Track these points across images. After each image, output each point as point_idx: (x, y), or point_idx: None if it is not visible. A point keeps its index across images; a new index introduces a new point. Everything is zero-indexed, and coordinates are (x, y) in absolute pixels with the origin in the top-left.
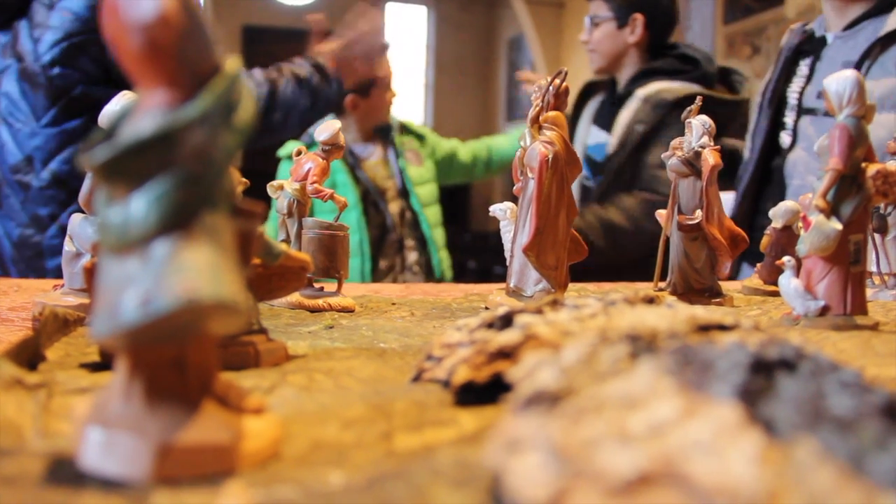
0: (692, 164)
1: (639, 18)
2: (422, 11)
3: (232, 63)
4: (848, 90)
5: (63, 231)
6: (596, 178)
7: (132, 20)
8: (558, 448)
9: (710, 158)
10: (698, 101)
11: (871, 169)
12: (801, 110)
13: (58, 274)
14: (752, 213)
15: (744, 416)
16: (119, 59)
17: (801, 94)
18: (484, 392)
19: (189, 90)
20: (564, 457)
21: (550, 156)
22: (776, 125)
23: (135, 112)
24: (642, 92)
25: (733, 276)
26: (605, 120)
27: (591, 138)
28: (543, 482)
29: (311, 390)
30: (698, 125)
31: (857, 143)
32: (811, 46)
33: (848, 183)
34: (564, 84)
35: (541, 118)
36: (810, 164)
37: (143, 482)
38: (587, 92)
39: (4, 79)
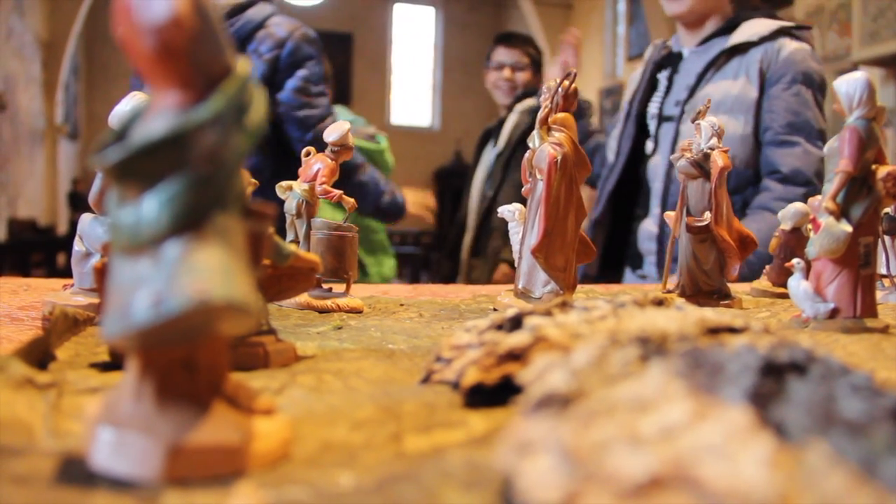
0: (701, 165)
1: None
2: (429, 12)
3: (243, 65)
4: (858, 92)
5: None
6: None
7: (145, 22)
8: (569, 451)
9: (719, 160)
10: (707, 103)
11: (882, 171)
12: (662, 118)
13: None
14: (618, 216)
15: (754, 419)
16: (131, 60)
17: (662, 103)
18: (493, 394)
19: (201, 92)
20: (575, 459)
21: (559, 157)
22: (641, 132)
23: (147, 113)
24: (520, 106)
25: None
26: (496, 141)
27: (487, 158)
28: (554, 485)
29: (320, 391)
30: (707, 127)
31: (867, 146)
32: (669, 61)
33: (858, 185)
34: (573, 85)
35: (550, 119)
36: (669, 170)
37: (154, 482)
38: (484, 137)
39: None
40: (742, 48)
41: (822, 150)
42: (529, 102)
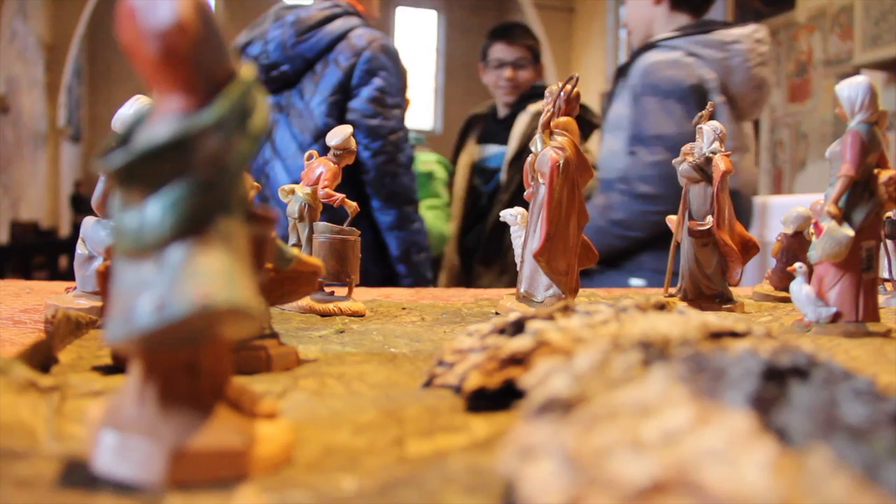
0: (703, 169)
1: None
2: (432, 16)
3: (247, 70)
4: (860, 96)
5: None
6: (489, 185)
7: (149, 27)
8: (572, 455)
9: (721, 164)
10: (709, 106)
11: (884, 175)
12: None
13: None
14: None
15: (757, 424)
16: (135, 65)
17: None
18: (496, 398)
19: (204, 96)
20: (578, 464)
21: (561, 161)
22: None
23: (150, 117)
24: (533, 107)
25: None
26: (495, 137)
27: (485, 153)
28: (557, 489)
29: (322, 395)
30: (709, 131)
31: (869, 150)
32: None
33: (860, 189)
34: (576, 89)
35: (552, 123)
36: None
37: (157, 486)
38: (471, 122)
39: (280, 125)
40: (623, 69)
41: (658, 156)
42: (541, 105)
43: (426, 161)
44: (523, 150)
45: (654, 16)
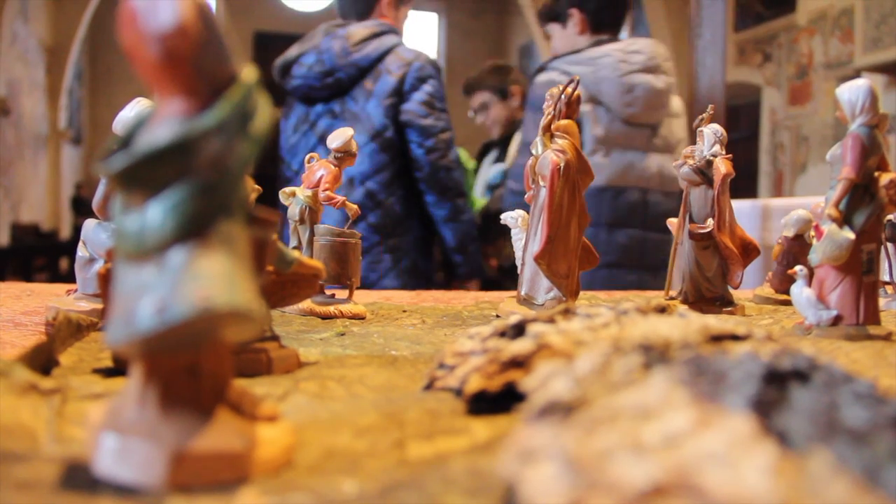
0: (703, 172)
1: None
2: (433, 18)
3: (248, 72)
4: (861, 99)
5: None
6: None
7: (150, 30)
8: (572, 458)
9: (722, 167)
10: (710, 109)
11: (885, 178)
12: None
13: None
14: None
15: (757, 427)
16: (136, 67)
17: None
18: (496, 401)
19: (206, 99)
20: (579, 467)
21: (562, 164)
22: None
23: (152, 120)
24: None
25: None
26: (500, 158)
27: (490, 172)
28: (558, 493)
29: (323, 398)
30: (710, 134)
31: (869, 153)
32: None
33: (861, 192)
34: (576, 93)
35: (553, 126)
36: None
37: (158, 489)
38: (485, 149)
39: (334, 129)
40: None
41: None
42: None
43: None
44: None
45: (570, 42)
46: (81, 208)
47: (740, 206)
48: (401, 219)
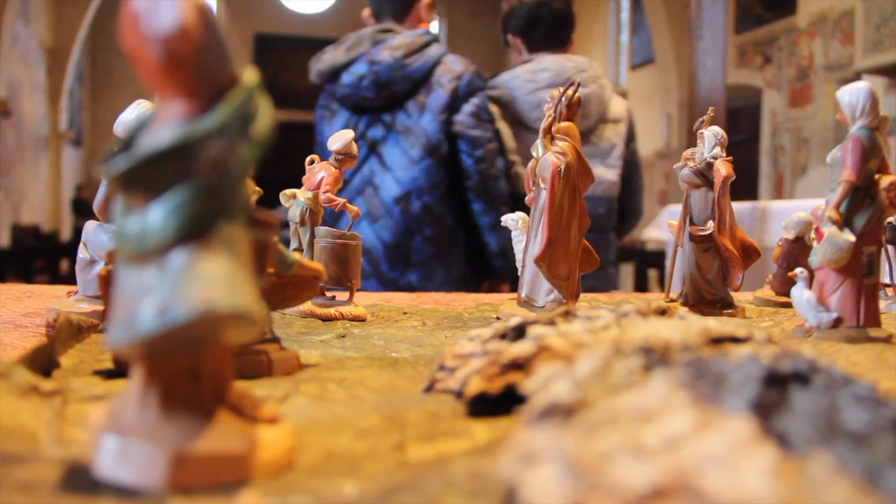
0: (704, 174)
1: None
2: (433, 21)
3: (250, 75)
4: (861, 101)
5: (428, 243)
6: None
7: (152, 32)
8: (573, 461)
9: (723, 169)
10: (711, 111)
11: (885, 180)
12: None
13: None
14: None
15: (758, 429)
16: (137, 70)
17: None
18: (497, 403)
19: (207, 101)
20: (579, 470)
21: (563, 166)
22: None
23: (153, 122)
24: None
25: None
26: None
27: None
28: (558, 495)
29: (323, 400)
30: (710, 136)
31: (870, 155)
32: None
33: (861, 194)
34: (577, 95)
35: (553, 129)
36: None
37: (158, 490)
38: None
39: (388, 141)
40: None
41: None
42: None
43: None
44: None
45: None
46: (82, 210)
47: (741, 209)
48: (453, 230)
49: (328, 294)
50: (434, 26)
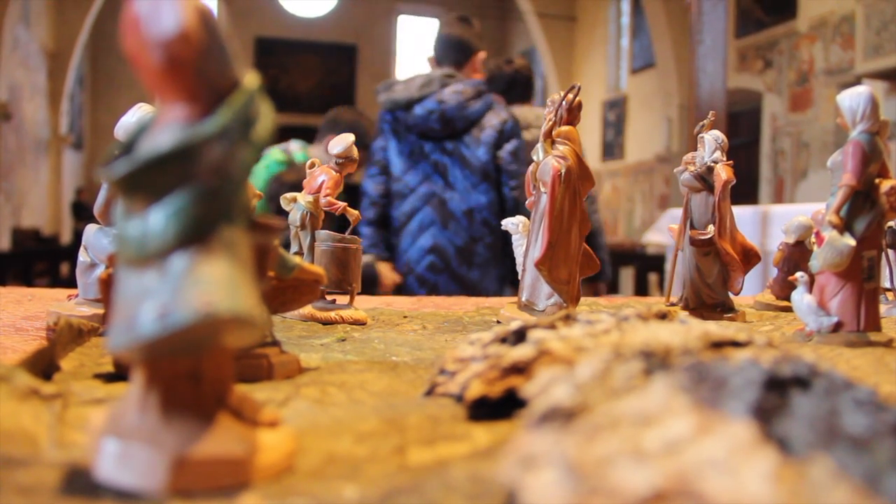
0: (704, 179)
1: None
2: (434, 24)
3: (251, 78)
4: (862, 106)
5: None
6: None
7: (153, 36)
8: (573, 464)
9: (723, 174)
10: (711, 115)
11: (885, 185)
12: None
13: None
14: None
15: (758, 433)
16: (138, 73)
17: None
18: (497, 407)
19: (208, 105)
20: (579, 473)
21: (563, 170)
22: None
23: (154, 126)
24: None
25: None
26: None
27: None
28: (559, 499)
29: (324, 403)
30: (711, 140)
31: (870, 159)
32: None
33: (862, 199)
34: (577, 98)
35: (553, 133)
36: None
37: (159, 494)
38: None
39: (451, 165)
40: None
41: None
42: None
43: None
44: None
45: None
46: (82, 213)
47: (741, 213)
48: (504, 238)
49: (328, 298)
50: (436, 26)
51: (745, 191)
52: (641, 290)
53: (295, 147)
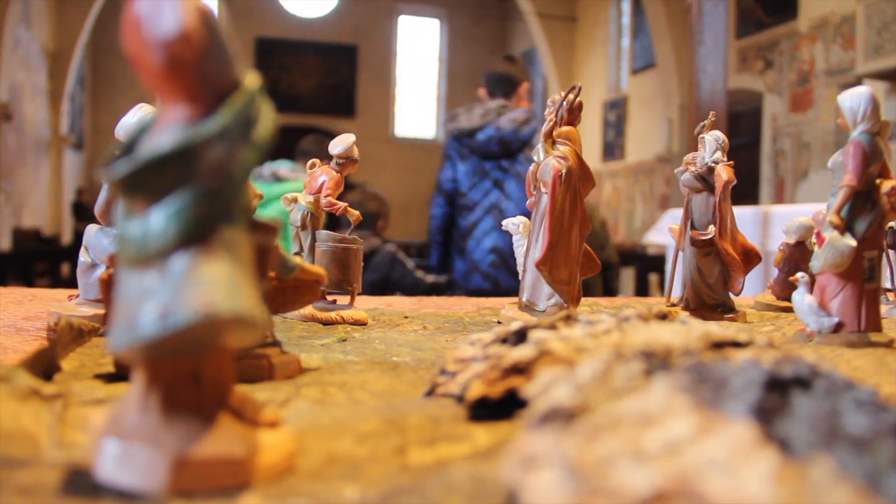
0: (705, 179)
1: None
2: (434, 24)
3: (252, 79)
4: (862, 106)
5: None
6: None
7: (154, 36)
8: (574, 465)
9: (724, 174)
10: (712, 116)
11: (886, 185)
12: None
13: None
14: None
15: (759, 434)
16: (139, 74)
17: None
18: (498, 407)
19: (209, 106)
20: (580, 474)
21: (564, 171)
22: None
23: (154, 126)
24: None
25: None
26: None
27: None
28: (559, 499)
29: (324, 404)
30: (711, 141)
31: (871, 160)
32: None
33: (862, 199)
34: (578, 99)
35: (554, 133)
36: None
37: (159, 494)
38: None
39: (507, 181)
40: None
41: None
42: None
43: None
44: None
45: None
46: (83, 213)
47: (742, 213)
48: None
49: (329, 298)
50: (437, 27)
51: (745, 191)
52: (642, 290)
53: (284, 171)
